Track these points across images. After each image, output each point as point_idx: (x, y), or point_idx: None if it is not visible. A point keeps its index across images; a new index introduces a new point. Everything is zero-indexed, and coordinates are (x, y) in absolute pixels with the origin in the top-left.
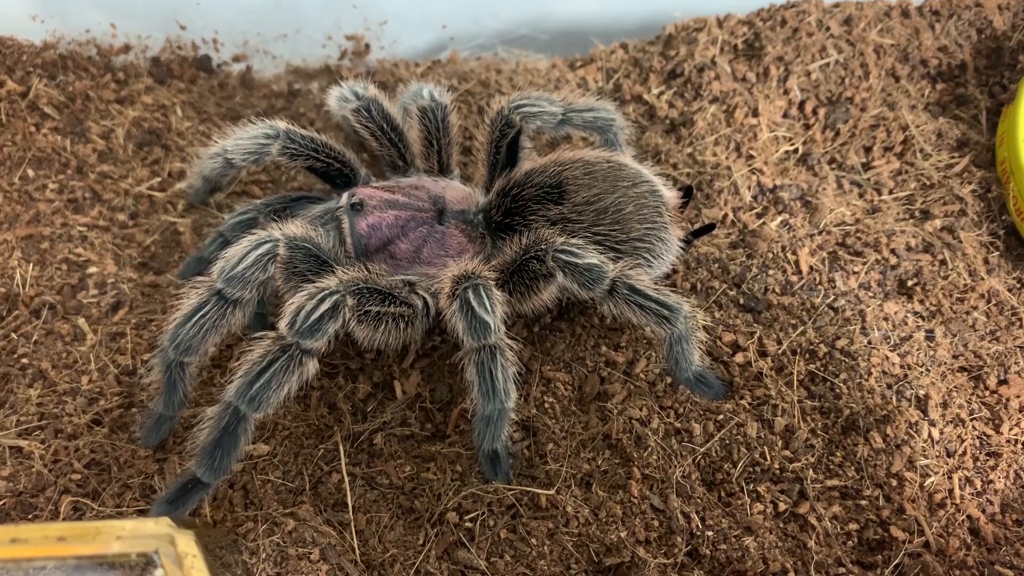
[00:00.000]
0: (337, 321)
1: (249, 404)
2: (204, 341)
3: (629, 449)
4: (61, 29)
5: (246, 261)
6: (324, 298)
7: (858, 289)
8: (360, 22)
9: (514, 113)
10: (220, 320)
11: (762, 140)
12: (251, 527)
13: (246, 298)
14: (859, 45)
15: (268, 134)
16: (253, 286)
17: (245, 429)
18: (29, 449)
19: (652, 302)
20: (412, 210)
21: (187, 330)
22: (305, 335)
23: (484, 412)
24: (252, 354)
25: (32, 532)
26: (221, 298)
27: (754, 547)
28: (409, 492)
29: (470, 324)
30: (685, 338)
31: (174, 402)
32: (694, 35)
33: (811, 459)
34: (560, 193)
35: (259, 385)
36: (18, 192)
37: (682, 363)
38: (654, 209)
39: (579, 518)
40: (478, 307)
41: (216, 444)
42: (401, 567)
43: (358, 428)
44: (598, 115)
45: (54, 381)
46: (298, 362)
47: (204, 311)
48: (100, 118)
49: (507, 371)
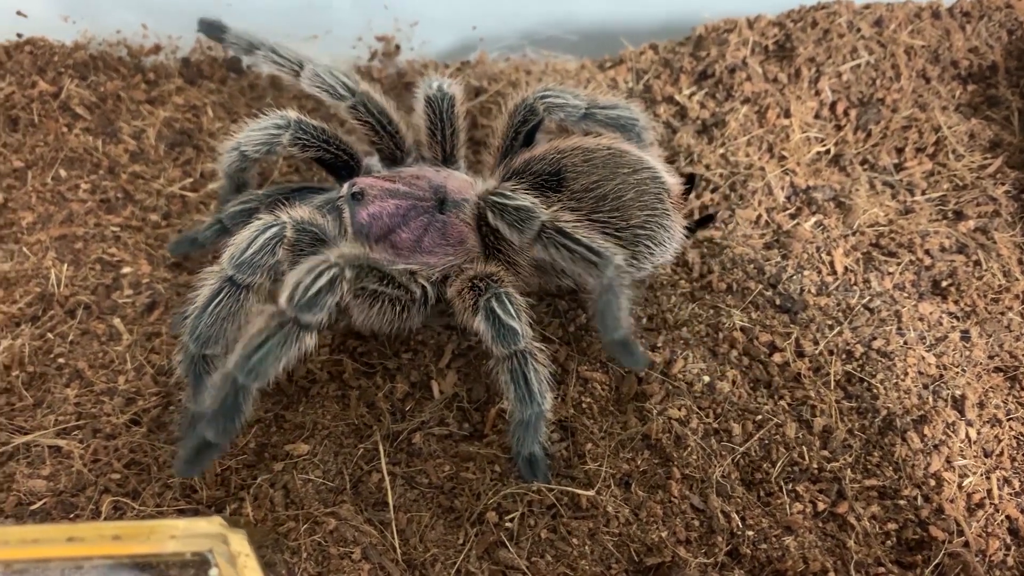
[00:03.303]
0: (335, 295)
1: (247, 376)
2: (223, 330)
3: (669, 449)
4: (92, 30)
5: (254, 246)
6: (322, 272)
7: (893, 290)
8: (391, 23)
9: (539, 102)
10: (235, 307)
11: (794, 141)
12: (292, 526)
13: (257, 283)
14: (890, 46)
15: (279, 124)
16: (263, 270)
17: (246, 398)
18: (68, 449)
19: (581, 247)
20: (413, 199)
21: (204, 321)
22: (304, 309)
23: (521, 417)
24: (252, 326)
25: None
26: (233, 285)
27: (794, 546)
28: (449, 491)
29: (498, 333)
30: (614, 290)
31: (204, 398)
32: (724, 36)
33: (849, 459)
34: (559, 180)
35: (257, 358)
36: (51, 192)
37: (608, 320)
38: (655, 196)
39: (619, 518)
40: (504, 315)
41: (220, 412)
42: (442, 567)
43: (397, 427)
44: (621, 113)
45: (91, 381)
46: (296, 336)
47: (218, 300)
48: (131, 118)
49: (540, 374)
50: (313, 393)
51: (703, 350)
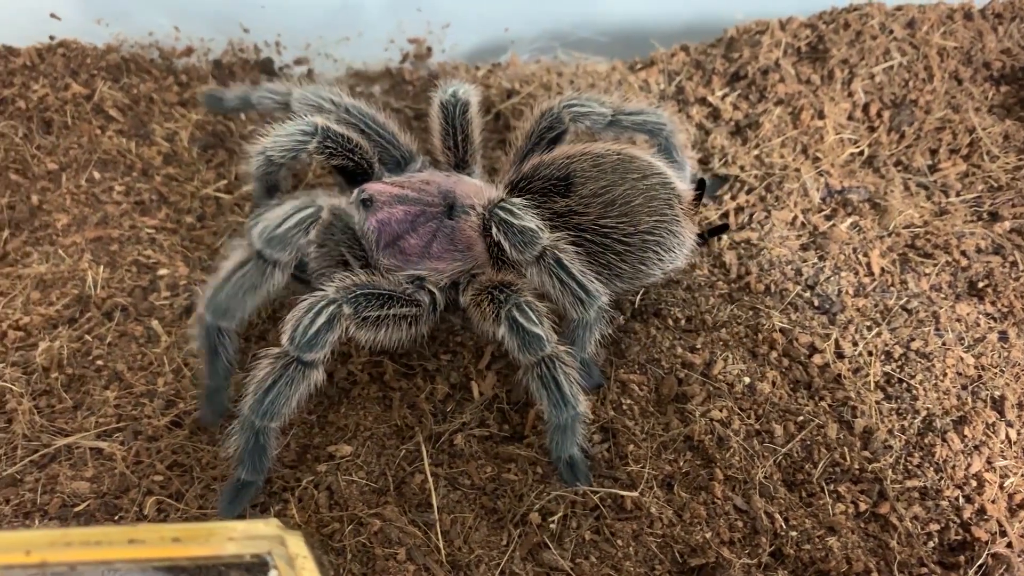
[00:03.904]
0: (335, 332)
1: (263, 418)
2: (242, 304)
3: (711, 450)
4: (124, 32)
5: (289, 222)
6: (320, 311)
7: (930, 291)
8: (423, 25)
9: (565, 111)
10: (259, 280)
11: (828, 142)
12: (337, 527)
13: (285, 260)
14: (922, 48)
15: (305, 131)
16: (293, 248)
17: (267, 437)
18: (110, 451)
19: (574, 281)
20: (422, 205)
21: (225, 292)
22: (305, 349)
23: (558, 422)
24: (259, 371)
25: (149, 533)
26: (261, 258)
27: (837, 547)
28: (491, 493)
29: (524, 341)
30: (591, 326)
31: (219, 371)
32: (757, 38)
33: (890, 460)
34: (567, 185)
35: (268, 400)
36: (85, 194)
37: (577, 347)
38: (665, 202)
39: (663, 519)
40: (527, 323)
41: (246, 453)
42: (486, 568)
43: (438, 429)
44: (647, 118)
45: (130, 383)
46: (302, 375)
47: (243, 271)
48: (164, 120)
49: (570, 376)
50: (354, 395)
51: (743, 351)
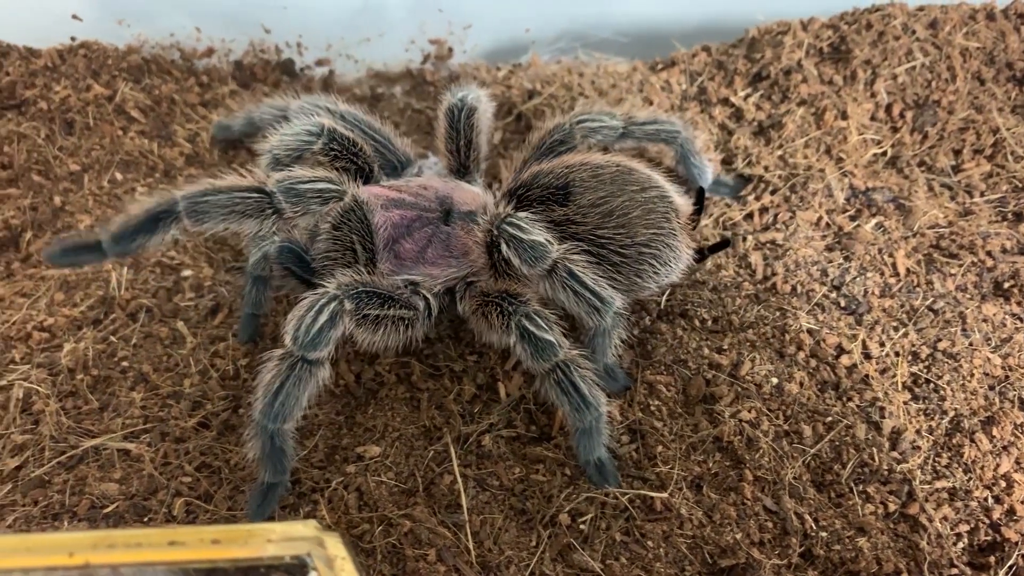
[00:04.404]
0: (337, 329)
1: (275, 420)
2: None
3: (740, 451)
4: (146, 33)
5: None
6: (322, 308)
7: (956, 291)
8: (444, 26)
9: (576, 127)
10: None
11: (852, 142)
12: (367, 528)
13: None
14: (945, 48)
15: (311, 131)
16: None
17: (283, 439)
18: (138, 452)
19: (588, 291)
20: (418, 210)
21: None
22: (308, 348)
23: (582, 425)
24: (265, 375)
25: (189, 535)
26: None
27: (867, 548)
28: (519, 494)
29: (536, 349)
30: (609, 333)
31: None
32: (779, 38)
33: (918, 460)
34: (566, 195)
35: (279, 403)
36: (107, 195)
37: (598, 355)
38: (662, 215)
39: (693, 520)
40: (538, 331)
41: (267, 456)
42: (516, 569)
43: (466, 430)
44: (660, 127)
45: (156, 384)
46: (308, 373)
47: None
48: (185, 121)
49: (587, 379)
50: (382, 396)
51: (770, 352)
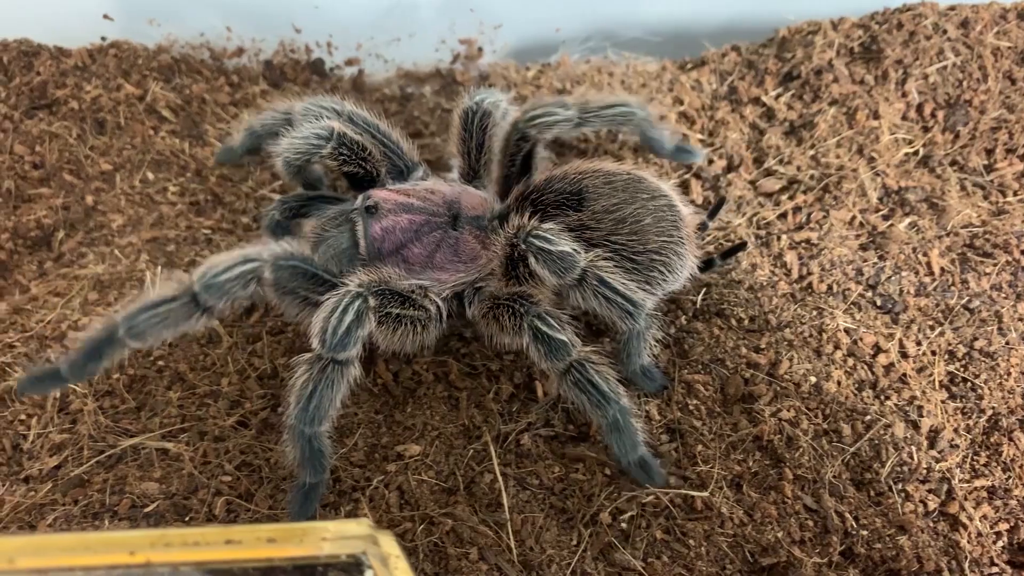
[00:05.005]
0: (364, 327)
1: (311, 424)
2: (158, 334)
3: (780, 450)
4: (176, 33)
5: (231, 272)
6: (347, 308)
7: (991, 290)
8: (475, 26)
9: (529, 127)
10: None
11: (884, 142)
12: (409, 527)
13: (218, 308)
14: (976, 48)
15: (320, 135)
16: (230, 298)
17: (320, 440)
18: (177, 451)
19: (619, 296)
20: (426, 215)
21: (143, 317)
22: (338, 348)
23: (608, 421)
24: (297, 379)
25: (245, 533)
26: (194, 301)
27: (908, 546)
28: (559, 493)
29: (549, 349)
30: (642, 335)
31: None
32: (809, 38)
33: (957, 459)
34: (580, 200)
35: (313, 407)
36: (139, 195)
37: (633, 357)
38: (672, 223)
39: (734, 519)
40: (550, 330)
41: (306, 460)
42: (558, 568)
43: (505, 429)
44: (615, 112)
45: (193, 384)
46: (340, 374)
47: (170, 306)
48: (216, 121)
49: (604, 374)
50: (420, 394)
51: (807, 351)
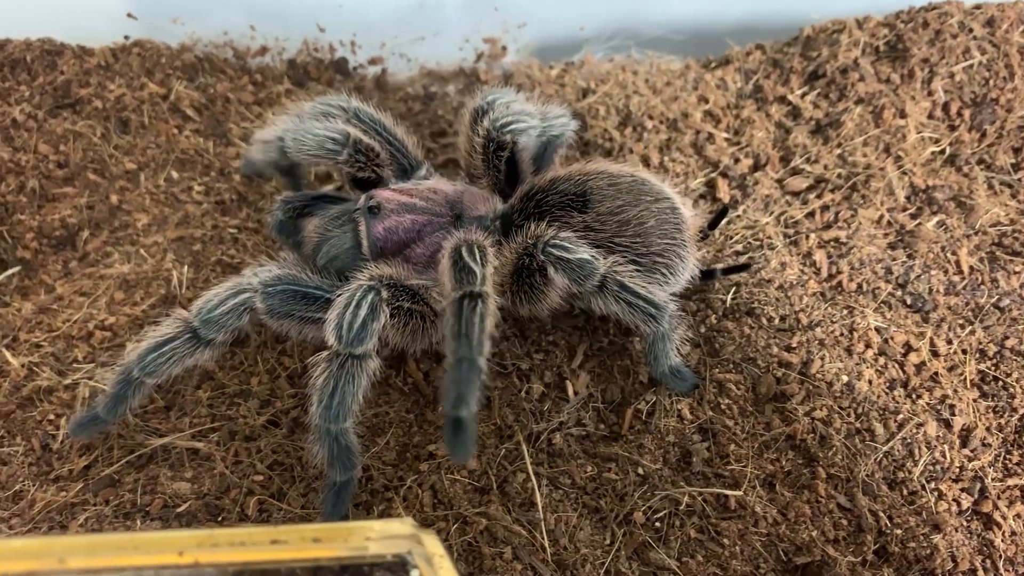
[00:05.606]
0: (379, 320)
1: (336, 421)
2: (167, 371)
3: (814, 449)
4: (199, 32)
5: (224, 307)
6: (360, 302)
7: (1020, 289)
8: (500, 24)
9: (502, 134)
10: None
11: (910, 141)
12: (443, 526)
13: (219, 340)
14: (1003, 46)
15: (336, 139)
16: (227, 330)
17: (347, 437)
18: (207, 451)
19: (641, 300)
20: (429, 214)
21: (152, 356)
22: (355, 343)
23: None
24: (317, 379)
25: (290, 533)
26: (195, 336)
27: (943, 545)
28: (592, 492)
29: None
30: (668, 336)
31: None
32: (834, 37)
33: (989, 458)
34: (584, 202)
35: (336, 403)
36: (164, 194)
37: (661, 359)
38: (674, 226)
39: (767, 518)
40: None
41: (335, 458)
42: (592, 567)
43: (537, 428)
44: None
45: (223, 383)
46: (360, 368)
47: (174, 344)
48: (240, 120)
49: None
50: None
51: (839, 350)
